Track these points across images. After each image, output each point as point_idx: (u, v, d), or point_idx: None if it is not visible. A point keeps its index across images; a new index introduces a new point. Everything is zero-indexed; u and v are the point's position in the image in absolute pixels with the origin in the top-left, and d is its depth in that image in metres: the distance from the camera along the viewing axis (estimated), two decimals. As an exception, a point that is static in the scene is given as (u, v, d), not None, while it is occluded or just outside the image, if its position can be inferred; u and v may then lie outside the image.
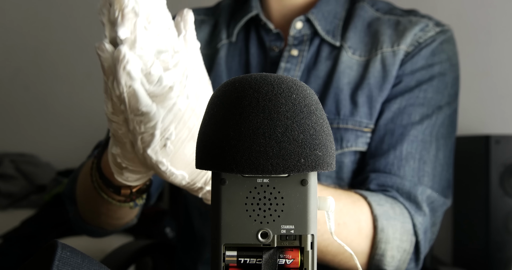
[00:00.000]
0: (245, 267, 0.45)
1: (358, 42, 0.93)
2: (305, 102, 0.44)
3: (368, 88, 0.90)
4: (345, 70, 0.91)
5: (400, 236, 0.81)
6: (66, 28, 2.40)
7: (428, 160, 0.87)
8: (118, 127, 0.57)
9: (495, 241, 1.45)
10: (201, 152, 0.44)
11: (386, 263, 0.80)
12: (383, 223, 0.79)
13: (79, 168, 0.89)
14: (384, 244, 0.79)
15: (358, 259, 0.78)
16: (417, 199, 0.84)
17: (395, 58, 0.90)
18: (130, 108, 0.54)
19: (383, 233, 0.79)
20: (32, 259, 0.53)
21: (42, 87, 2.43)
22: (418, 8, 0.98)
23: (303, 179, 0.44)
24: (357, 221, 0.77)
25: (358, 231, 0.78)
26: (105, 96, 0.57)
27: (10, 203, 2.08)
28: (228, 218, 0.44)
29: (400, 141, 0.87)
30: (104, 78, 0.55)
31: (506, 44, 1.91)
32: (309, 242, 0.45)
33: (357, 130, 0.89)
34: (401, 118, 0.88)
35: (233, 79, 0.46)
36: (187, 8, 0.61)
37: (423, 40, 0.91)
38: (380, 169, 0.86)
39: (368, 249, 0.79)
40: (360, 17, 0.95)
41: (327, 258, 0.76)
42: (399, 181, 0.85)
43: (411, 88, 0.90)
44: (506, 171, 1.46)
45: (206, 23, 1.01)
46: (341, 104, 0.90)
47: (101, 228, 0.89)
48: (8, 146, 2.35)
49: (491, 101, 1.91)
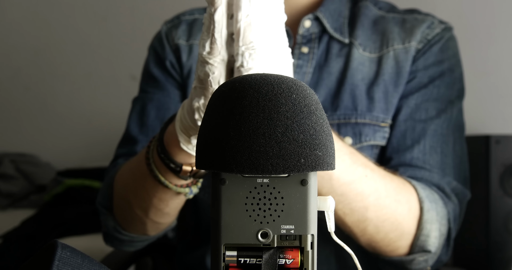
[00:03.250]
0: (245, 267, 0.45)
1: (367, 39, 0.95)
2: (305, 102, 0.44)
3: (384, 84, 0.92)
4: (358, 67, 0.93)
5: (440, 219, 0.83)
6: (66, 28, 2.40)
7: (448, 153, 0.90)
8: (212, 69, 0.57)
9: (495, 241, 1.45)
10: (201, 152, 0.44)
11: (431, 243, 0.82)
12: (428, 205, 0.81)
13: (112, 173, 0.88)
14: (429, 225, 0.81)
15: (405, 240, 0.80)
16: (446, 190, 0.87)
17: (407, 55, 0.93)
18: (243, 40, 0.55)
19: (428, 213, 0.81)
20: (32, 259, 0.53)
21: (42, 87, 2.43)
22: (418, 8, 1.00)
23: (303, 179, 0.44)
24: (408, 201, 0.79)
25: (409, 211, 0.79)
26: (205, 34, 0.57)
27: (10, 203, 2.08)
28: (228, 218, 0.44)
29: (423, 135, 0.90)
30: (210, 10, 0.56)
31: (506, 44, 1.91)
32: (309, 242, 0.45)
33: (374, 124, 0.91)
34: (420, 114, 0.91)
35: (233, 79, 0.46)
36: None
37: (431, 37, 0.94)
38: (406, 163, 0.88)
39: (414, 229, 0.81)
40: (366, 15, 0.97)
41: (380, 236, 0.78)
42: (427, 174, 0.88)
43: (425, 84, 0.93)
44: (506, 171, 1.46)
45: None
46: (357, 99, 0.92)
47: (142, 234, 0.87)
48: (8, 146, 2.35)
49: (491, 101, 1.91)
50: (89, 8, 2.38)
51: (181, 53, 0.98)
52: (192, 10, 1.04)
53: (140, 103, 0.99)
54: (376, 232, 0.77)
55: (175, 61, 0.99)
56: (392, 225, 0.77)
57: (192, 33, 1.00)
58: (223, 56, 0.58)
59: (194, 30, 1.00)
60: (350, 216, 0.75)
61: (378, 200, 0.75)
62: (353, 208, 0.74)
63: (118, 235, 0.88)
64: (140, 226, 0.84)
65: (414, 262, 0.82)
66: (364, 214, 0.75)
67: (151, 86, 1.00)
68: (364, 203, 0.74)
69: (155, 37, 1.04)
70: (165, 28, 1.02)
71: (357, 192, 0.73)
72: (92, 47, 2.38)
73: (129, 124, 0.99)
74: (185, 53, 0.98)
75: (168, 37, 1.01)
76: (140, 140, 0.95)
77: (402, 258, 0.81)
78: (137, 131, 0.97)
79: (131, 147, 0.96)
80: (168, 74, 0.99)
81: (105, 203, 0.88)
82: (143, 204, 0.78)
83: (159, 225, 0.83)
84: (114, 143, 1.01)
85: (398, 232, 0.78)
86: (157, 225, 0.83)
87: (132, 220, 0.83)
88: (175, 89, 0.99)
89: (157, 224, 0.82)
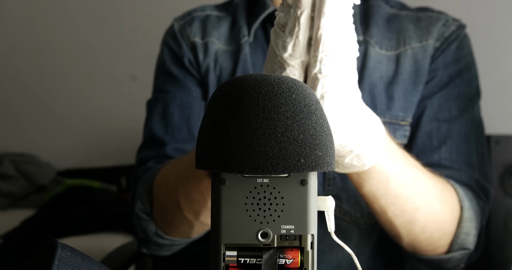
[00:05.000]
0: (245, 267, 0.45)
1: (382, 37, 0.95)
2: (305, 102, 0.44)
3: (403, 82, 0.92)
4: (376, 65, 0.93)
5: (477, 217, 0.84)
6: (66, 28, 2.40)
7: (472, 151, 0.91)
8: (293, 71, 0.58)
9: (495, 241, 1.45)
10: (201, 152, 0.44)
11: (470, 241, 0.82)
12: (467, 204, 0.82)
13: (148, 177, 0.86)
14: (469, 223, 0.82)
15: (445, 239, 0.80)
16: (475, 189, 0.88)
17: (425, 53, 0.93)
18: (324, 46, 0.55)
19: (468, 212, 0.82)
20: (32, 259, 0.53)
21: (42, 87, 2.43)
22: (430, 6, 1.00)
23: (303, 179, 0.44)
24: (451, 201, 0.80)
25: (451, 210, 0.80)
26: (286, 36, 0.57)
27: (10, 203, 2.08)
28: (228, 218, 0.44)
29: (449, 136, 0.90)
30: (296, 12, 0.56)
31: (506, 44, 1.91)
32: (309, 242, 0.45)
33: (394, 123, 0.91)
34: (443, 114, 0.91)
35: (233, 79, 0.46)
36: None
37: (448, 35, 0.94)
38: (434, 163, 0.88)
39: (455, 228, 0.81)
40: (379, 14, 0.97)
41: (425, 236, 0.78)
42: (456, 173, 0.88)
43: (446, 83, 0.93)
44: (506, 171, 1.46)
45: (223, 19, 1.00)
46: (376, 98, 0.91)
47: (185, 237, 0.85)
48: (8, 146, 2.35)
49: (491, 101, 1.91)
50: (89, 8, 2.38)
51: (198, 52, 0.97)
52: (202, 7, 1.02)
53: (162, 103, 0.97)
54: (422, 232, 0.77)
55: (193, 59, 0.97)
56: (437, 225, 0.78)
57: (206, 30, 0.98)
58: (304, 58, 0.58)
59: (208, 27, 0.98)
60: (400, 217, 0.75)
61: (427, 201, 0.75)
62: (404, 210, 0.74)
63: (159, 240, 0.86)
64: (186, 229, 0.82)
65: (451, 260, 0.82)
66: (414, 215, 0.75)
67: (171, 84, 0.97)
68: (415, 204, 0.74)
69: (167, 34, 1.01)
70: (177, 25, 1.00)
71: (409, 194, 0.73)
72: (92, 47, 2.38)
73: (151, 126, 0.96)
74: (201, 52, 0.97)
75: (183, 34, 0.98)
76: (168, 141, 0.93)
77: (440, 257, 0.81)
78: (163, 132, 0.94)
79: (159, 149, 0.93)
80: (187, 72, 0.97)
81: (146, 209, 0.86)
82: (196, 207, 0.76)
83: (206, 227, 0.82)
84: (114, 143, 1.01)
85: (441, 231, 0.79)
86: (204, 227, 0.82)
87: (179, 224, 0.82)
88: (196, 86, 0.97)
89: (205, 226, 0.81)
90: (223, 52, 0.97)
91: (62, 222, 1.70)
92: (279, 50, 0.58)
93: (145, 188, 0.86)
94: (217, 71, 0.96)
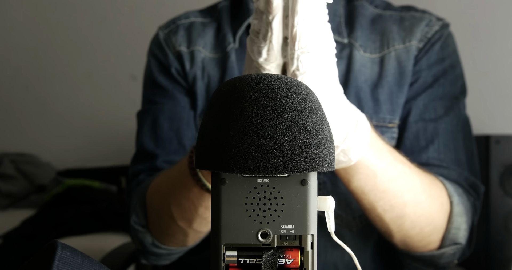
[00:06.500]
0: (245, 267, 0.45)
1: (366, 39, 0.95)
2: (305, 102, 0.44)
3: (388, 85, 0.92)
4: (361, 69, 0.93)
5: (467, 212, 0.84)
6: (66, 28, 2.40)
7: (460, 149, 0.91)
8: None
9: (495, 241, 1.45)
10: (201, 152, 0.44)
11: (461, 235, 0.83)
12: (457, 199, 0.83)
13: (141, 190, 0.87)
14: (459, 217, 0.82)
15: (436, 234, 0.81)
16: (464, 186, 0.88)
17: (408, 54, 0.93)
18: (299, 44, 0.56)
19: (458, 207, 0.82)
20: (32, 259, 0.53)
21: (42, 87, 2.43)
22: (414, 5, 0.99)
23: (303, 179, 0.44)
24: (440, 196, 0.81)
25: (441, 205, 0.81)
26: (260, 41, 0.58)
27: (10, 203, 2.08)
28: (228, 218, 0.44)
29: (436, 135, 0.91)
30: (267, 18, 0.57)
31: (506, 44, 1.91)
32: (309, 242, 0.45)
33: (381, 126, 0.91)
34: (429, 114, 0.92)
35: (233, 79, 0.46)
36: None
37: (431, 35, 0.94)
38: (423, 163, 0.89)
39: (445, 223, 0.82)
40: (363, 15, 0.96)
41: (415, 231, 0.79)
42: (445, 171, 0.88)
43: (430, 83, 0.93)
44: (506, 171, 1.46)
45: (208, 26, 0.99)
46: (363, 102, 0.92)
47: (181, 246, 0.86)
48: (8, 146, 2.35)
49: (491, 101, 1.91)
50: (89, 8, 2.38)
51: (184, 61, 0.96)
52: (186, 14, 1.01)
53: (151, 115, 0.96)
54: (412, 228, 0.78)
55: (180, 68, 0.96)
56: (426, 220, 0.78)
57: (191, 39, 0.97)
58: (279, 61, 0.59)
59: (193, 35, 0.98)
60: (389, 213, 0.75)
61: (415, 196, 0.76)
62: (393, 205, 0.75)
63: (156, 250, 0.87)
64: (181, 238, 0.83)
65: (444, 256, 0.83)
66: (403, 210, 0.76)
67: (159, 95, 0.97)
68: (404, 199, 0.75)
69: (153, 44, 1.00)
70: (162, 34, 0.99)
71: (397, 189, 0.74)
72: (92, 47, 2.38)
73: (141, 139, 0.96)
74: (188, 61, 0.96)
75: (168, 43, 0.98)
76: (159, 154, 0.93)
77: (433, 253, 0.82)
78: (153, 145, 0.94)
79: (150, 162, 0.93)
80: (175, 82, 0.96)
81: (142, 221, 0.86)
82: (188, 216, 0.77)
83: (200, 234, 0.82)
84: (114, 143, 1.01)
85: (432, 226, 0.79)
86: (199, 235, 0.82)
87: (173, 233, 0.83)
88: (184, 96, 0.96)
89: (199, 234, 0.82)
90: (210, 60, 0.96)
91: (62, 222, 1.70)
92: (255, 55, 0.59)
93: (139, 201, 0.87)
94: (205, 80, 0.95)
